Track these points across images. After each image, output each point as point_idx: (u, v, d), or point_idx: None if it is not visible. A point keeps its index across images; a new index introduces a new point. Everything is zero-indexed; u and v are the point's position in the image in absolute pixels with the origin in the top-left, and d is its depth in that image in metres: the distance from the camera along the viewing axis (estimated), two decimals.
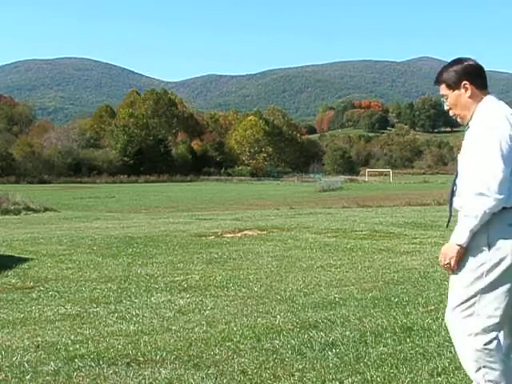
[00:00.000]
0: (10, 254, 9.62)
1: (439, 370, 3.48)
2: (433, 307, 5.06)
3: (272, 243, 10.41)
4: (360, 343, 4.07)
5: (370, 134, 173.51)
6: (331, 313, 5.00)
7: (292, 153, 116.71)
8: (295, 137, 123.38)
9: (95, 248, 10.31)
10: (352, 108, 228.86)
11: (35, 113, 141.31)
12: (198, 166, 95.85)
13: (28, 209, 24.02)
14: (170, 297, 6.00)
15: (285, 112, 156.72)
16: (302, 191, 51.39)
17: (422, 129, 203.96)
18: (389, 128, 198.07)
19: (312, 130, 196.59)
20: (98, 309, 5.55)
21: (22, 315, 5.39)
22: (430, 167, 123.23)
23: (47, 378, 3.57)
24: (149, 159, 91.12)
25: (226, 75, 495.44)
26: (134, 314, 5.29)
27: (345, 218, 16.35)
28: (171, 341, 4.29)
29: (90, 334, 4.61)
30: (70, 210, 27.36)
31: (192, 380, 3.45)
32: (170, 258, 8.96)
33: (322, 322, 4.69)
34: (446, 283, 5.37)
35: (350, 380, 3.37)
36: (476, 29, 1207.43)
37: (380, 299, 5.47)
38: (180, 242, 10.85)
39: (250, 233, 12.40)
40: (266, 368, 3.61)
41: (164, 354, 3.96)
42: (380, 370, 3.52)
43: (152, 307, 5.54)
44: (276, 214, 20.33)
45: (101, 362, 3.82)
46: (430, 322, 4.57)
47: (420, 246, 9.43)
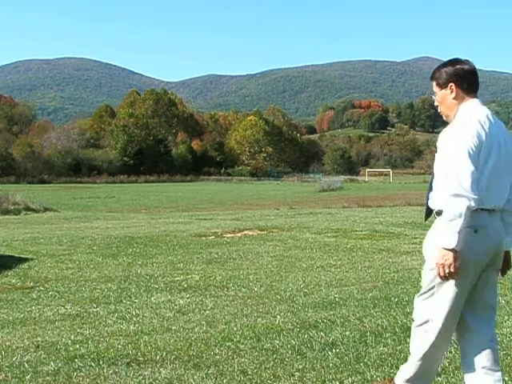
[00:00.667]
0: (10, 254, 9.62)
1: (439, 370, 3.48)
2: None
3: (272, 243, 10.41)
4: (360, 343, 4.07)
5: (370, 134, 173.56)
6: (331, 313, 5.00)
7: (292, 153, 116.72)
8: (295, 137, 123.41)
9: (95, 248, 10.31)
10: (352, 108, 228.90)
11: (35, 113, 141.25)
12: (198, 166, 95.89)
13: (28, 209, 24.02)
14: (170, 297, 6.00)
15: (285, 112, 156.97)
16: (301, 191, 51.41)
17: (422, 129, 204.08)
18: (389, 128, 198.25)
19: (312, 130, 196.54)
20: (97, 309, 5.55)
21: (22, 315, 5.39)
22: (429, 167, 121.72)
23: (47, 378, 3.57)
24: (149, 159, 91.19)
25: (226, 75, 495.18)
26: (133, 314, 5.29)
27: (345, 217, 16.36)
28: (171, 341, 4.29)
29: (89, 333, 4.61)
30: (70, 210, 27.36)
31: (192, 380, 3.45)
32: (170, 257, 8.96)
33: (322, 321, 4.69)
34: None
35: (349, 380, 3.37)
36: (476, 29, 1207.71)
37: (380, 299, 5.47)
38: (180, 242, 10.85)
39: (250, 233, 12.40)
40: (266, 368, 3.61)
41: (164, 354, 3.96)
42: (380, 369, 3.52)
43: (152, 307, 5.54)
44: (276, 213, 20.34)
45: (101, 362, 3.82)
46: None
47: (420, 246, 9.33)
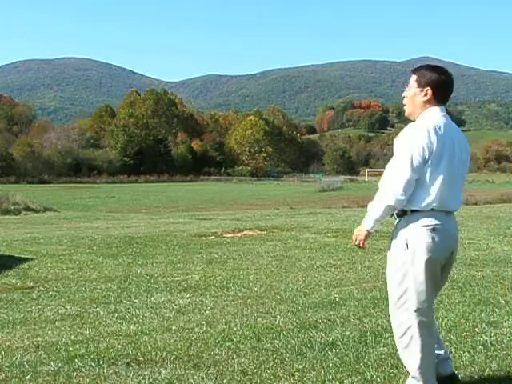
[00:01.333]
0: (10, 254, 9.62)
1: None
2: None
3: (272, 243, 10.41)
4: (360, 343, 4.07)
5: (370, 134, 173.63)
6: (331, 313, 5.00)
7: (292, 153, 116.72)
8: (295, 137, 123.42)
9: (95, 248, 10.31)
10: (352, 108, 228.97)
11: (35, 113, 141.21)
12: (198, 166, 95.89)
13: (28, 209, 24.02)
14: (170, 297, 6.00)
15: (285, 112, 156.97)
16: (301, 191, 51.41)
17: None
18: (389, 128, 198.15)
19: (312, 130, 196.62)
20: (97, 309, 5.55)
21: (22, 315, 5.39)
22: None
23: (47, 378, 3.57)
24: (149, 159, 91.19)
25: (226, 75, 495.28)
26: (134, 314, 5.29)
27: (345, 217, 16.36)
28: (171, 341, 4.29)
29: (90, 333, 4.61)
30: (70, 209, 27.36)
31: (192, 380, 3.45)
32: (170, 257, 8.96)
33: (322, 321, 4.69)
34: (446, 283, 5.37)
35: (349, 380, 3.37)
36: (476, 29, 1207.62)
37: (380, 299, 5.46)
38: (180, 242, 10.85)
39: (250, 233, 12.41)
40: (266, 368, 3.61)
41: (164, 354, 3.96)
42: (380, 369, 3.52)
43: (152, 307, 5.54)
44: (276, 213, 20.34)
45: (101, 362, 3.82)
46: None
47: None
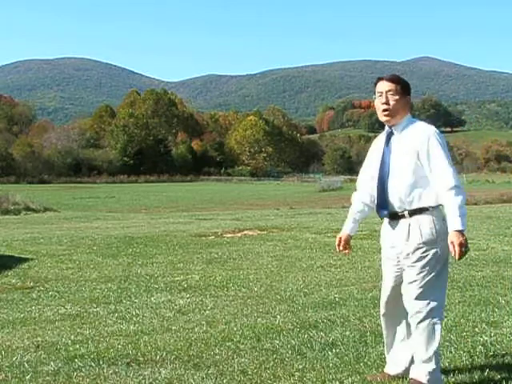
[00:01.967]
0: (10, 254, 9.62)
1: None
2: None
3: (272, 243, 10.42)
4: (360, 343, 4.07)
5: (370, 134, 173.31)
6: (331, 313, 5.00)
7: (292, 153, 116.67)
8: (295, 137, 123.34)
9: (95, 248, 10.32)
10: (352, 108, 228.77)
11: (35, 113, 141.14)
12: (198, 166, 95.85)
13: (28, 209, 24.03)
14: (170, 297, 6.00)
15: (285, 112, 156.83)
16: (301, 191, 51.40)
17: None
18: None
19: (312, 130, 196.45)
20: (97, 309, 5.55)
21: (22, 315, 5.39)
22: None
23: (47, 378, 3.57)
24: (149, 159, 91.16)
25: (226, 75, 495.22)
26: (134, 313, 5.29)
27: (345, 217, 16.23)
28: (171, 341, 4.29)
29: (90, 334, 4.61)
30: (70, 210, 27.36)
31: (192, 380, 3.45)
32: (170, 257, 8.96)
33: (322, 322, 4.69)
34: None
35: (349, 380, 3.36)
36: (476, 29, 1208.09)
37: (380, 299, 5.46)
38: (180, 242, 10.85)
39: (250, 233, 12.41)
40: (265, 368, 3.61)
41: (164, 354, 3.96)
42: (380, 369, 3.52)
43: (152, 307, 5.54)
44: (276, 214, 20.34)
45: (101, 362, 3.82)
46: None
47: None
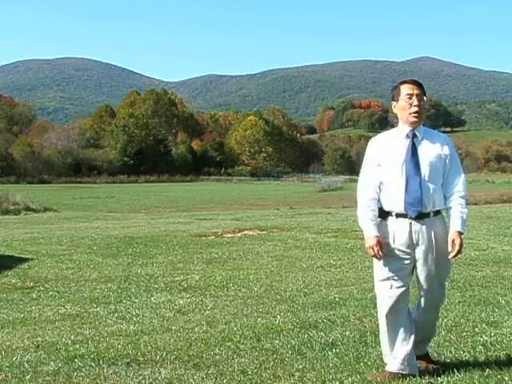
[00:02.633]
0: (10, 254, 9.63)
1: (439, 369, 3.48)
2: None
3: (272, 243, 10.42)
4: (360, 343, 4.07)
5: (370, 134, 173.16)
6: (331, 313, 5.00)
7: (292, 153, 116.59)
8: (295, 137, 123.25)
9: (95, 248, 10.32)
10: (352, 108, 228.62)
11: (35, 113, 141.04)
12: (198, 166, 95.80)
13: (28, 209, 24.03)
14: (170, 297, 6.00)
15: (285, 112, 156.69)
16: (302, 191, 51.40)
17: None
18: (389, 128, 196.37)
19: (312, 130, 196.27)
20: (98, 309, 5.56)
21: (22, 315, 5.39)
22: None
23: (47, 378, 3.57)
24: (149, 159, 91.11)
25: (226, 75, 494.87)
26: (134, 314, 5.29)
27: (345, 217, 16.35)
28: (171, 341, 4.29)
29: (90, 334, 4.61)
30: (70, 210, 27.35)
31: (192, 380, 3.45)
32: (170, 257, 8.96)
33: (322, 321, 4.69)
34: (445, 283, 5.35)
35: (349, 380, 3.36)
36: (476, 29, 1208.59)
37: None
38: (180, 242, 10.85)
39: (250, 233, 12.41)
40: (265, 368, 3.61)
41: (164, 354, 3.96)
42: (380, 369, 3.52)
43: (152, 307, 5.54)
44: (276, 213, 20.35)
45: (101, 362, 3.82)
46: None
47: None
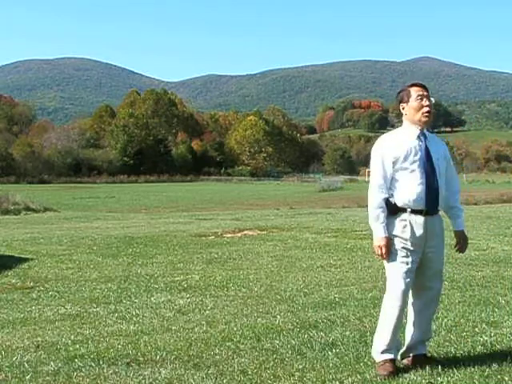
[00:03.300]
0: (10, 254, 9.62)
1: (439, 369, 3.48)
2: None
3: (272, 243, 10.42)
4: (360, 343, 4.07)
5: (370, 134, 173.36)
6: (331, 313, 5.00)
7: (292, 153, 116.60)
8: (295, 137, 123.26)
9: (95, 248, 10.32)
10: (352, 108, 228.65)
11: (35, 113, 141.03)
12: (198, 166, 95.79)
13: (28, 209, 24.01)
14: (170, 297, 6.00)
15: (285, 112, 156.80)
16: (302, 191, 51.38)
17: None
18: (389, 128, 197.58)
19: (312, 130, 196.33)
20: (98, 309, 5.55)
21: (22, 315, 5.39)
22: None
23: (47, 378, 3.57)
24: (149, 159, 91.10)
25: (226, 75, 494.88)
26: (134, 313, 5.29)
27: (345, 217, 16.36)
28: (171, 341, 4.29)
29: (90, 334, 4.61)
30: (70, 210, 27.34)
31: (192, 380, 3.45)
32: (170, 257, 8.96)
33: (322, 321, 4.69)
34: (445, 283, 5.38)
35: (349, 380, 3.37)
36: (476, 29, 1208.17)
37: (380, 299, 5.43)
38: (180, 242, 10.85)
39: (250, 233, 12.41)
40: (266, 368, 3.61)
41: (164, 354, 3.96)
42: None
43: (152, 307, 5.54)
44: (276, 213, 20.34)
45: (101, 362, 3.82)
46: None
47: None
